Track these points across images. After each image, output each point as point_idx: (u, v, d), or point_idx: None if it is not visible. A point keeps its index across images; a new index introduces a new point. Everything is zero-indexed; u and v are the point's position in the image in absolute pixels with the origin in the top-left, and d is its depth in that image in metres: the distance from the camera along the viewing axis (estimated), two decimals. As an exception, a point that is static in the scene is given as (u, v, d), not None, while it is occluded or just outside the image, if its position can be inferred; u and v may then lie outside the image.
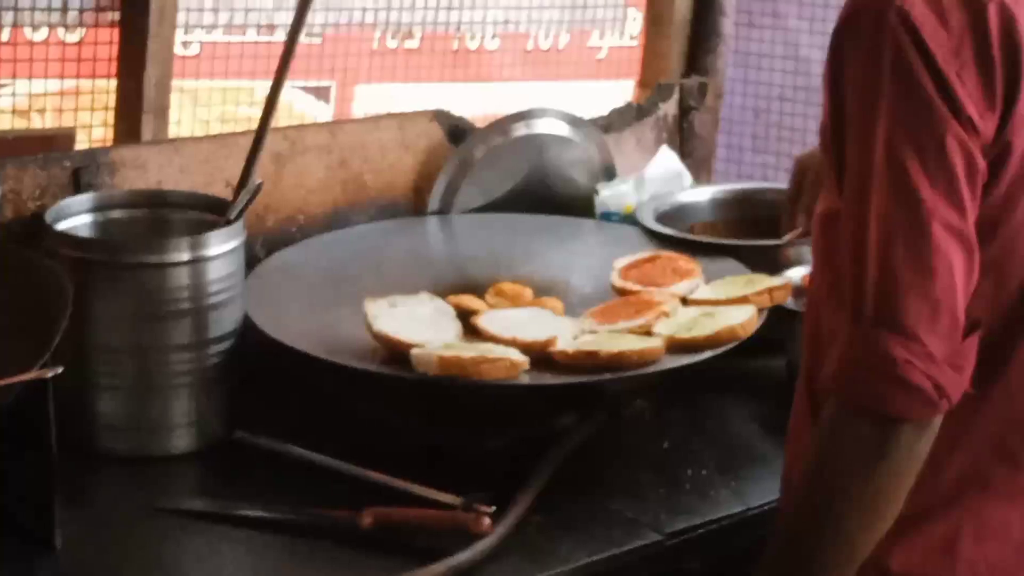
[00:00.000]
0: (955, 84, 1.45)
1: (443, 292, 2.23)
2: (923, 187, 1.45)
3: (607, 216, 2.58)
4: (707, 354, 2.00)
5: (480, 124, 2.59)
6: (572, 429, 2.01)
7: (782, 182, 3.13)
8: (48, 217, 2.04)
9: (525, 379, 1.94)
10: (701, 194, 2.65)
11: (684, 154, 2.84)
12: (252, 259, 2.22)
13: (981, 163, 1.47)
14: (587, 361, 1.96)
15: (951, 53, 1.45)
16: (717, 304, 2.12)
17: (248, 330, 2.06)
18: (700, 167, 2.89)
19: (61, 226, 2.04)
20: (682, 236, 2.43)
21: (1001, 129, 1.48)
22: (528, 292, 2.26)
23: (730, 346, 2.02)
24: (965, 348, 1.47)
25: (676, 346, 2.01)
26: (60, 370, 1.70)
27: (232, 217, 2.03)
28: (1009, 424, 1.56)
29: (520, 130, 2.57)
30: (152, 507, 1.88)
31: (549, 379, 1.95)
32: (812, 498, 1.53)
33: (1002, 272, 1.53)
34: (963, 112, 1.46)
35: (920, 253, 1.45)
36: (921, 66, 1.45)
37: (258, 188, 2.03)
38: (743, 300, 2.12)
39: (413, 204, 2.54)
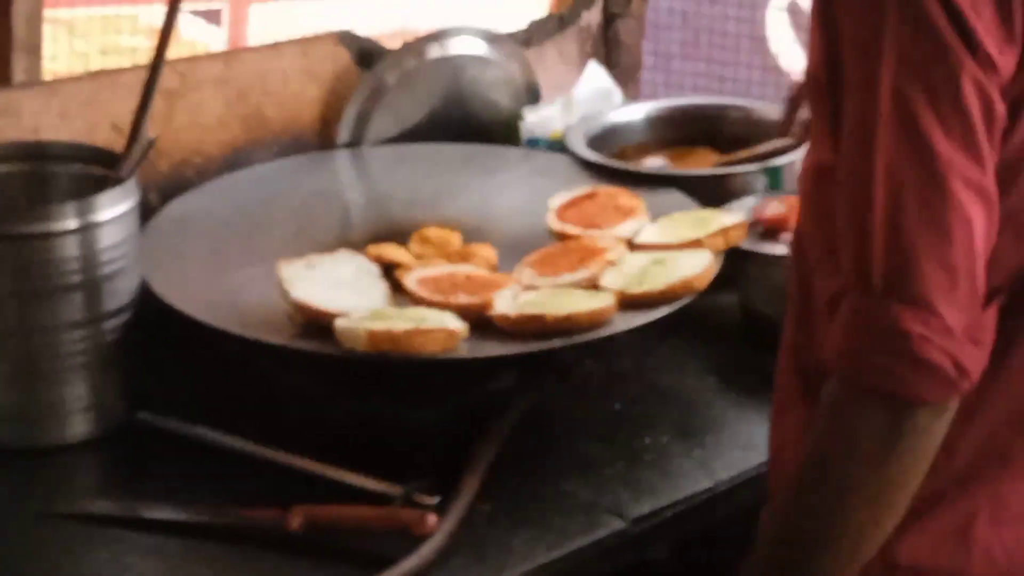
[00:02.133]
0: (970, 15, 1.26)
1: (361, 239, 2.02)
2: (937, 137, 1.26)
3: (533, 143, 2.37)
4: (662, 311, 1.81)
5: (390, 43, 2.35)
6: (514, 398, 1.82)
7: (716, 95, 2.97)
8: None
9: (464, 349, 1.74)
10: (634, 112, 2.44)
11: (609, 66, 2.62)
12: (145, 209, 1.97)
13: (1000, 107, 1.28)
14: (532, 325, 1.76)
15: None
16: (668, 249, 1.93)
17: (146, 297, 1.84)
18: (627, 79, 2.67)
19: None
20: (618, 166, 2.22)
21: (1022, 66, 1.29)
22: (456, 237, 2.05)
23: (686, 300, 1.83)
24: (986, 319, 1.30)
25: (627, 302, 1.82)
26: None
27: (124, 175, 1.79)
28: None
29: (435, 51, 2.34)
30: (49, 511, 1.67)
31: (491, 349, 1.75)
32: (814, 493, 1.35)
33: (1020, 227, 1.33)
34: (980, 48, 1.26)
35: (936, 213, 1.27)
36: None
37: (151, 143, 1.79)
38: (696, 243, 1.92)
39: (320, 137, 2.30)
